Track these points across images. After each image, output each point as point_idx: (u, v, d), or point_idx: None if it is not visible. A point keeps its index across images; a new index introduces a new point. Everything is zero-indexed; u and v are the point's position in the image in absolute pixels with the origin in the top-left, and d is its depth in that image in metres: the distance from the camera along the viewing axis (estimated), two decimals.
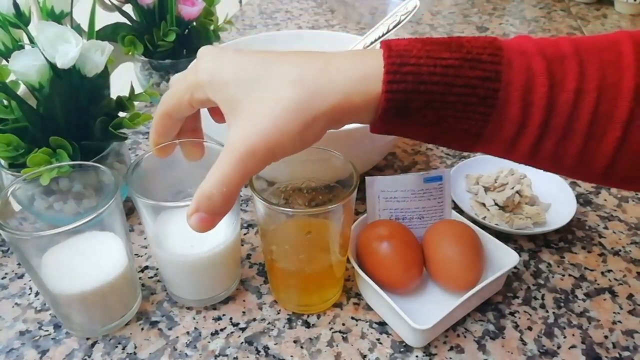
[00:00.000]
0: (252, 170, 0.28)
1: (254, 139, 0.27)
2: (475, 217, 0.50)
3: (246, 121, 0.28)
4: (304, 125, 0.28)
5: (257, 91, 0.28)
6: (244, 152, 0.28)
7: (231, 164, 0.28)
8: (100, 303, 0.38)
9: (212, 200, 0.28)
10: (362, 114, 0.29)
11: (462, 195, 0.54)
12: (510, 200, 0.50)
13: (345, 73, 0.28)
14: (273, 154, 0.28)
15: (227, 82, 0.29)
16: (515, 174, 0.53)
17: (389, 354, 0.38)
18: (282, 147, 0.28)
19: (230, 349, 0.39)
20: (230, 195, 0.28)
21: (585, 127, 0.28)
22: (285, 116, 0.27)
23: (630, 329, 0.41)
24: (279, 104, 0.27)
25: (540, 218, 0.49)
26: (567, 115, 0.27)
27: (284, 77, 0.28)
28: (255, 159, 0.28)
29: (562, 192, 0.53)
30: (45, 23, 0.40)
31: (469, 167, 0.57)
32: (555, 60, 0.28)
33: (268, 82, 0.28)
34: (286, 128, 0.27)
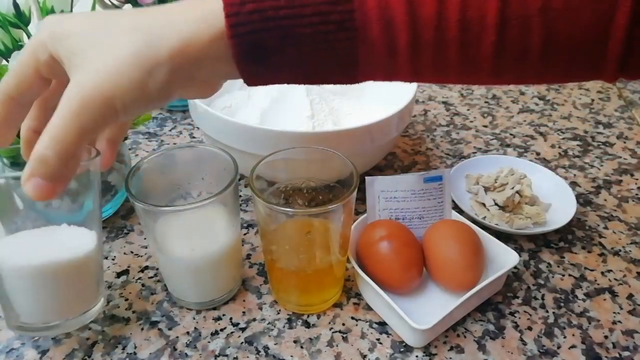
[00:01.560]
0: (89, 125, 0.25)
1: (87, 90, 0.25)
2: (475, 217, 0.50)
3: (82, 73, 0.25)
4: (144, 73, 0.25)
5: (96, 43, 0.26)
6: (78, 105, 0.25)
7: (64, 119, 0.25)
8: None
9: (47, 163, 0.25)
10: (211, 61, 0.27)
11: (462, 195, 0.54)
12: (510, 200, 0.50)
13: (183, 17, 0.26)
14: (111, 106, 0.25)
15: (71, 33, 0.26)
16: (516, 174, 0.53)
17: (389, 354, 0.38)
18: (121, 97, 0.25)
19: (230, 349, 0.39)
20: (67, 155, 0.25)
21: (457, 35, 0.26)
22: (121, 63, 0.25)
23: (630, 329, 0.41)
24: (114, 53, 0.25)
25: (540, 218, 0.49)
26: (433, 27, 0.26)
27: (121, 26, 0.26)
28: (91, 111, 0.25)
29: (562, 192, 0.53)
30: None
31: (468, 167, 0.57)
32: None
33: (107, 33, 0.26)
34: (123, 76, 0.25)
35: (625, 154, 0.64)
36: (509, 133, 0.68)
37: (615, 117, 0.72)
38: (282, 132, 0.46)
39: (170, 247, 0.39)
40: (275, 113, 0.55)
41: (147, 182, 0.39)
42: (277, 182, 0.42)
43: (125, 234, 0.50)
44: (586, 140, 0.67)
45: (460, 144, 0.65)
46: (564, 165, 0.62)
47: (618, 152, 0.64)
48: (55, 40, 0.27)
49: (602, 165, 0.62)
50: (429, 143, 0.66)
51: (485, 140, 0.67)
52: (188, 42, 0.26)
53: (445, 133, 0.68)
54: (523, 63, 0.27)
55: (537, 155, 0.64)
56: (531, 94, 0.78)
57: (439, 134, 0.67)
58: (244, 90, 0.62)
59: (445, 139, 0.66)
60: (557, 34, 0.26)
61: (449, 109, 0.74)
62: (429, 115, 0.72)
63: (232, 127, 0.48)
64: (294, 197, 0.42)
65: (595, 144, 0.66)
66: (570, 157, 0.63)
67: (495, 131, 0.69)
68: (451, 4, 0.26)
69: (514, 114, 0.73)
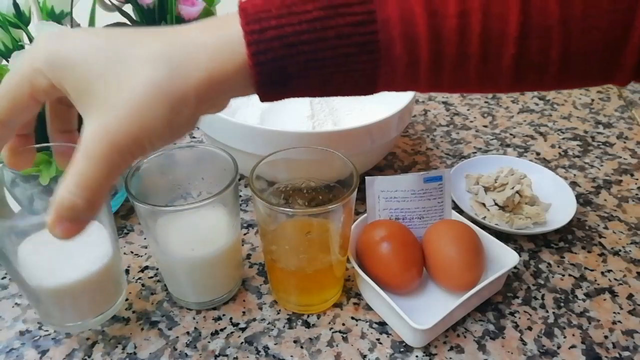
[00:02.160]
0: (118, 168, 0.25)
1: (115, 133, 0.24)
2: (475, 217, 0.50)
3: (103, 110, 0.24)
4: (170, 110, 0.24)
5: (112, 74, 0.24)
6: (107, 150, 0.24)
7: (92, 166, 0.24)
8: (83, 296, 0.37)
9: (77, 209, 0.24)
10: (236, 89, 0.26)
11: (462, 195, 0.54)
12: (510, 200, 0.50)
13: (205, 47, 0.25)
14: (140, 147, 0.25)
15: (74, 63, 0.24)
16: (516, 174, 0.53)
17: (389, 354, 0.38)
18: (149, 137, 0.24)
19: (230, 349, 0.39)
20: (97, 199, 0.25)
21: (479, 49, 0.26)
22: (145, 102, 0.24)
23: (630, 329, 0.41)
24: (138, 88, 0.24)
25: (540, 218, 0.49)
26: (455, 41, 0.25)
27: (137, 57, 0.24)
28: (119, 155, 0.24)
29: (562, 192, 0.53)
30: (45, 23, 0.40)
31: (468, 167, 0.57)
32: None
33: (123, 62, 0.24)
34: (149, 116, 0.24)
35: (625, 154, 0.64)
36: (509, 133, 0.68)
37: (615, 117, 0.72)
38: (282, 132, 0.46)
39: (170, 247, 0.39)
40: (275, 113, 0.55)
41: (147, 182, 0.39)
42: (277, 182, 0.42)
43: (125, 234, 0.50)
44: (586, 140, 0.67)
45: (460, 144, 0.65)
46: (564, 165, 0.62)
47: (618, 152, 0.64)
48: (55, 70, 0.25)
49: (602, 165, 0.62)
50: (429, 143, 0.66)
51: (485, 140, 0.67)
52: (212, 74, 0.25)
53: (445, 133, 0.68)
54: (542, 73, 0.28)
55: (537, 155, 0.64)
56: (531, 94, 0.78)
57: (439, 134, 0.67)
58: None
59: (445, 139, 0.66)
60: (576, 43, 0.26)
61: (449, 109, 0.74)
62: (429, 115, 0.72)
63: (232, 127, 0.48)
64: (294, 197, 0.42)
65: (595, 144, 0.66)
66: (570, 157, 0.63)
67: (495, 131, 0.69)
68: (473, 18, 0.25)
69: (514, 114, 0.73)
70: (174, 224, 0.38)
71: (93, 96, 0.24)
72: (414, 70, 0.27)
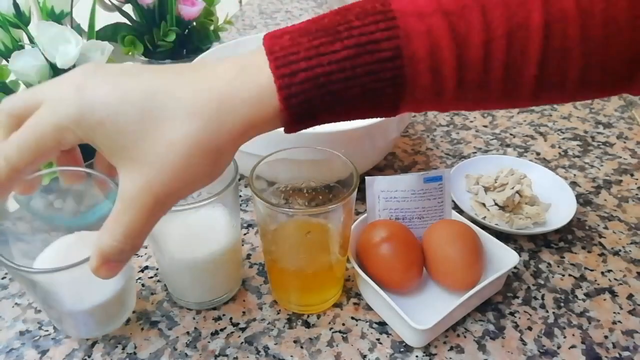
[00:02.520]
0: (159, 216, 0.26)
1: (159, 190, 0.24)
2: (475, 217, 0.50)
3: (144, 168, 0.24)
4: (210, 162, 0.25)
5: (148, 129, 0.24)
6: (151, 205, 0.25)
7: (138, 219, 0.25)
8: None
9: (123, 254, 0.26)
10: (268, 127, 0.27)
11: (462, 195, 0.54)
12: (510, 200, 0.50)
13: (239, 96, 0.25)
14: (182, 197, 0.26)
15: (103, 121, 0.24)
16: (515, 174, 0.53)
17: (389, 354, 0.38)
18: (191, 188, 0.26)
19: (230, 349, 0.39)
20: (140, 242, 0.26)
21: (501, 74, 0.26)
22: (188, 157, 0.24)
23: (630, 329, 0.41)
24: (177, 144, 0.24)
25: (540, 218, 0.49)
26: (480, 69, 0.26)
27: (176, 110, 0.24)
28: (163, 207, 0.25)
29: (562, 192, 0.53)
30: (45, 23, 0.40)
31: (468, 167, 0.57)
32: (455, 13, 0.25)
33: (159, 117, 0.24)
34: (191, 170, 0.25)
35: (625, 154, 0.64)
36: (509, 133, 0.68)
37: (615, 117, 0.72)
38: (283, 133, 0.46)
39: (170, 247, 0.39)
40: None
41: None
42: (277, 182, 0.42)
43: None
44: (586, 140, 0.67)
45: (460, 144, 0.65)
46: (564, 165, 0.62)
47: (618, 152, 0.64)
48: (85, 130, 0.25)
49: (602, 165, 0.62)
50: (429, 143, 0.66)
51: (485, 140, 0.67)
52: (247, 122, 0.26)
53: (445, 133, 0.68)
54: (561, 90, 0.28)
55: (537, 155, 0.64)
56: None
57: (439, 134, 0.67)
58: None
59: (445, 139, 0.66)
60: (594, 61, 0.27)
61: None
62: (429, 115, 0.72)
63: None
64: (294, 197, 0.42)
65: (595, 144, 0.66)
66: (570, 157, 0.63)
67: (495, 131, 0.69)
68: (497, 45, 0.26)
69: (514, 114, 0.73)
70: (174, 224, 0.38)
71: (129, 150, 0.24)
72: (439, 96, 0.27)
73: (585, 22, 0.26)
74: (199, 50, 0.64)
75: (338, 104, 0.26)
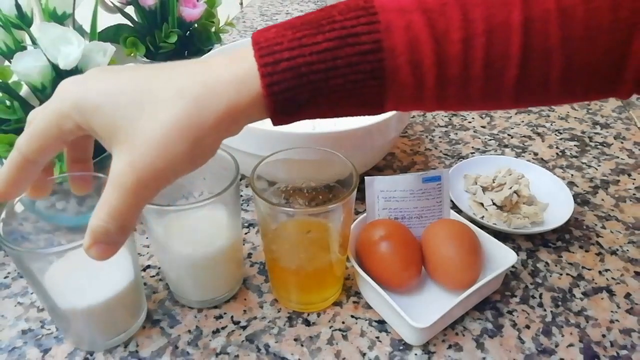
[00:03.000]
0: (145, 200, 0.27)
1: (142, 169, 0.25)
2: (474, 216, 0.50)
3: (130, 148, 0.26)
4: (192, 144, 0.26)
5: (135, 114, 0.26)
6: (134, 184, 0.25)
7: (121, 198, 0.26)
8: (107, 316, 0.38)
9: (109, 234, 0.26)
10: (251, 116, 0.28)
11: (460, 195, 0.54)
12: (508, 200, 0.50)
13: (222, 82, 0.26)
14: (165, 179, 0.26)
15: (100, 106, 0.26)
16: (513, 174, 0.53)
17: (388, 352, 0.39)
18: (173, 170, 0.26)
19: (232, 347, 0.39)
20: (127, 225, 0.27)
21: (482, 72, 0.27)
22: (170, 138, 0.25)
23: (627, 327, 0.41)
24: (160, 127, 0.25)
25: (538, 218, 0.49)
26: (459, 65, 0.26)
27: (161, 96, 0.26)
28: (146, 187, 0.26)
29: (559, 192, 0.53)
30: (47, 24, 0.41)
31: (467, 167, 0.57)
32: (435, 10, 0.26)
33: (146, 103, 0.26)
34: (173, 151, 0.25)
35: (623, 154, 0.64)
36: (507, 133, 0.69)
37: (613, 118, 0.73)
38: (283, 133, 0.46)
39: (172, 247, 0.39)
40: None
41: None
42: (277, 182, 0.42)
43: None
44: (584, 140, 0.68)
45: (459, 145, 0.66)
46: (561, 165, 0.62)
47: (615, 153, 0.65)
48: (84, 113, 0.26)
49: (599, 165, 0.62)
50: (428, 143, 0.66)
51: (484, 140, 0.67)
52: (229, 107, 0.26)
53: (443, 133, 0.68)
54: (543, 91, 0.28)
55: (535, 156, 0.64)
56: None
57: (437, 135, 0.68)
58: None
59: (444, 140, 0.67)
60: (576, 62, 0.27)
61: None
62: (428, 116, 0.73)
63: None
64: (295, 197, 0.43)
65: (593, 144, 0.67)
66: (568, 157, 0.64)
67: (493, 132, 0.69)
68: (477, 43, 0.26)
69: (512, 115, 0.74)
70: (176, 224, 0.39)
71: (119, 135, 0.26)
72: (420, 92, 0.28)
73: (566, 22, 0.26)
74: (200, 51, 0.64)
75: (320, 95, 0.27)
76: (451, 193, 0.49)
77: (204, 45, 0.68)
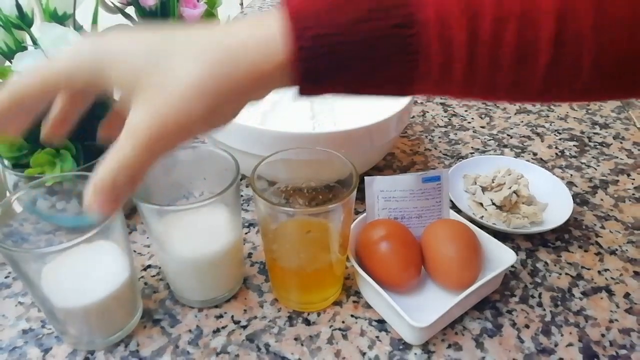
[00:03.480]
0: (158, 154, 0.26)
1: (159, 122, 0.25)
2: (473, 216, 0.50)
3: (149, 102, 0.25)
4: (213, 103, 0.26)
5: (157, 67, 0.25)
6: (150, 136, 0.25)
7: (136, 147, 0.25)
8: (104, 315, 0.38)
9: (116, 185, 0.25)
10: (275, 82, 0.27)
11: (460, 195, 0.54)
12: (507, 200, 0.51)
13: (247, 46, 0.26)
14: (181, 136, 0.26)
15: (124, 54, 0.26)
16: (513, 174, 0.53)
17: (388, 351, 0.39)
18: (190, 127, 0.26)
19: (232, 346, 0.39)
20: (137, 178, 0.26)
21: (513, 56, 0.26)
22: (191, 94, 0.25)
23: (626, 327, 0.41)
24: (182, 82, 0.25)
25: (537, 218, 0.50)
26: (490, 46, 0.26)
27: (189, 52, 0.26)
28: (166, 140, 0.26)
29: (559, 192, 0.53)
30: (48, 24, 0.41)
31: (466, 167, 0.57)
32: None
33: (169, 57, 0.26)
34: (194, 107, 0.25)
35: (622, 154, 0.65)
36: (507, 134, 0.69)
37: (612, 118, 0.73)
38: (283, 133, 0.46)
39: (173, 246, 0.39)
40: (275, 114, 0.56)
41: (149, 182, 0.39)
42: (277, 182, 0.42)
43: (128, 233, 0.50)
44: (583, 140, 0.68)
45: (458, 145, 0.66)
46: (560, 165, 0.62)
47: (614, 153, 0.65)
48: (101, 63, 0.26)
49: (598, 165, 0.62)
50: (427, 144, 0.66)
51: (483, 141, 0.67)
52: (253, 71, 0.26)
53: (443, 134, 0.68)
54: (573, 81, 0.28)
55: (534, 156, 0.64)
56: None
57: (437, 135, 0.68)
58: None
59: (443, 140, 0.67)
60: (608, 50, 0.27)
61: (447, 110, 0.74)
62: (427, 116, 0.73)
63: (233, 128, 0.48)
64: (295, 197, 0.43)
65: (592, 144, 0.67)
66: (567, 158, 0.64)
67: (493, 132, 0.69)
68: (510, 25, 0.26)
69: (511, 115, 0.74)
70: (176, 223, 0.39)
71: (141, 84, 0.25)
72: (450, 72, 0.27)
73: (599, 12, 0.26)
74: None
75: (347, 67, 0.27)
76: (451, 193, 0.50)
77: None
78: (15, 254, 0.32)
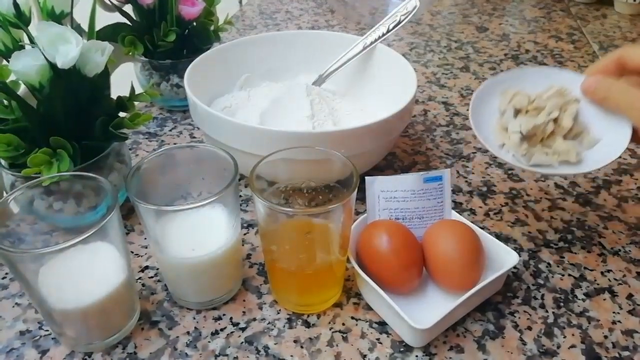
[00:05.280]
0: None
1: None
2: (493, 152, 0.42)
3: None
4: None
5: None
6: None
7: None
8: (102, 316, 0.37)
9: None
10: None
11: (490, 115, 0.44)
12: (539, 128, 0.41)
13: None
14: None
15: None
16: (565, 96, 0.42)
17: (388, 353, 0.39)
18: None
19: (231, 348, 0.39)
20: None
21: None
22: None
23: (629, 328, 0.41)
24: None
25: (570, 156, 0.40)
26: None
27: None
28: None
29: (617, 129, 0.42)
30: (45, 23, 0.40)
31: (512, 81, 0.45)
32: None
33: None
34: None
35: (625, 154, 0.64)
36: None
37: None
38: (282, 132, 0.46)
39: (171, 247, 0.39)
40: (275, 113, 0.55)
41: (147, 182, 0.39)
42: (277, 182, 0.42)
43: (126, 234, 0.49)
44: None
45: (460, 144, 0.65)
46: None
47: None
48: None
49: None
50: (429, 143, 0.66)
51: None
52: None
53: (445, 133, 0.68)
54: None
55: None
56: None
57: (438, 134, 0.68)
58: (244, 90, 0.62)
59: (445, 139, 0.66)
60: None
61: (448, 109, 0.74)
62: (429, 115, 0.72)
63: (232, 127, 0.48)
64: (294, 197, 0.42)
65: None
66: None
67: None
68: None
69: None
70: (174, 224, 0.38)
71: None
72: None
73: None
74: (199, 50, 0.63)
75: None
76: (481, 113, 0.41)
77: (203, 44, 0.68)
78: (12, 255, 0.32)
